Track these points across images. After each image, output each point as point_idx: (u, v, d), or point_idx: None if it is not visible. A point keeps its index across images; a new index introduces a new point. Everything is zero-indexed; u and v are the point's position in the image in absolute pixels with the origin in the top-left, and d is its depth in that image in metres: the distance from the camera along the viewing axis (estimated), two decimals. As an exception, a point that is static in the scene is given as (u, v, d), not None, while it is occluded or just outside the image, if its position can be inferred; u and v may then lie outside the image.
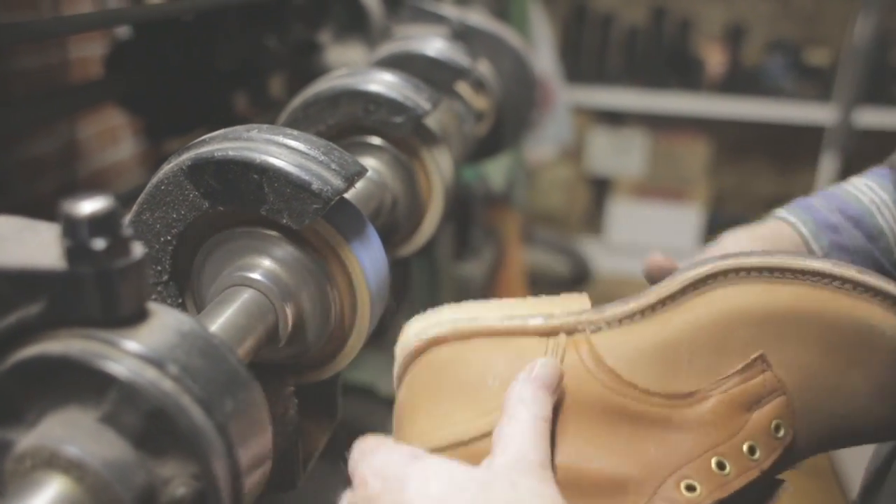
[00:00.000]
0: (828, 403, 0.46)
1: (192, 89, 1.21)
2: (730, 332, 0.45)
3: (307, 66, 1.20)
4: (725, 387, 0.45)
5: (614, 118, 3.39)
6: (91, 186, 1.67)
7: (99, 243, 0.32)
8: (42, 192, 1.52)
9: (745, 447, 0.45)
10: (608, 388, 0.45)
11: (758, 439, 0.45)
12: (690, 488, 0.44)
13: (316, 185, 0.46)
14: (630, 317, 0.47)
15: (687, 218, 3.29)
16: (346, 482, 0.42)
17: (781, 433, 0.45)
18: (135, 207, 0.49)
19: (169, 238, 0.49)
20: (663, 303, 0.47)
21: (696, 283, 0.47)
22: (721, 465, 0.44)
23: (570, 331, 0.47)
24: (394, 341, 0.49)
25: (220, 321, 0.44)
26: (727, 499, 0.44)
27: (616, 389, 0.45)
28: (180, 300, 0.51)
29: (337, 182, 0.47)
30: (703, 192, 3.32)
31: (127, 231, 0.33)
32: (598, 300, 0.50)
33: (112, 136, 1.74)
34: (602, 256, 3.30)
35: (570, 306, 0.48)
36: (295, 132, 0.49)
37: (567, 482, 0.43)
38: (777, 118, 3.13)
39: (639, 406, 0.45)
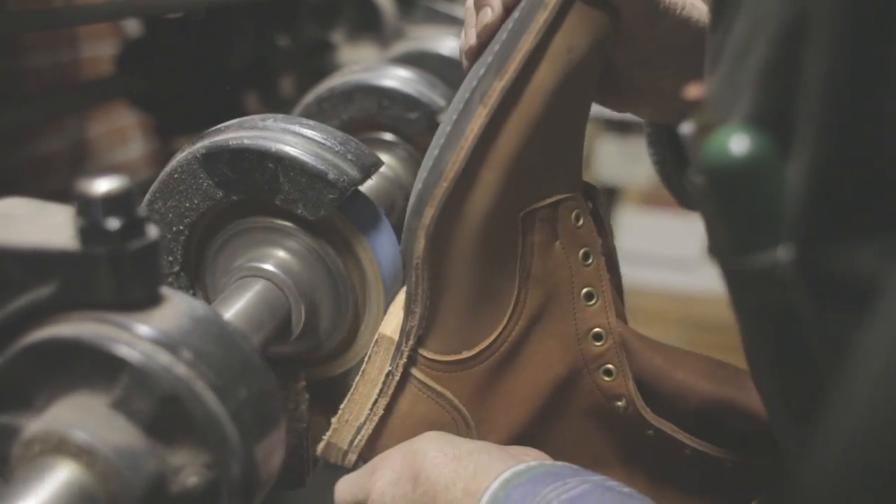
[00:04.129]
0: None
1: (203, 88, 1.21)
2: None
3: (319, 66, 1.20)
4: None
5: (623, 126, 3.38)
6: (99, 186, 1.67)
7: (113, 223, 0.31)
8: (51, 190, 1.52)
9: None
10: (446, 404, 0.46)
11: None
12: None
13: (332, 175, 0.45)
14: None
15: (696, 228, 3.27)
16: None
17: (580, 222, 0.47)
18: (147, 196, 0.49)
19: (181, 228, 0.48)
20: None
21: None
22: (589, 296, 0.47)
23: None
24: None
25: (232, 311, 0.44)
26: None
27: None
28: (191, 291, 0.50)
29: (353, 172, 0.46)
30: (711, 202, 3.30)
31: (142, 211, 0.32)
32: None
33: (121, 136, 1.74)
34: (609, 265, 3.28)
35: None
36: (311, 122, 0.48)
37: None
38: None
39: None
